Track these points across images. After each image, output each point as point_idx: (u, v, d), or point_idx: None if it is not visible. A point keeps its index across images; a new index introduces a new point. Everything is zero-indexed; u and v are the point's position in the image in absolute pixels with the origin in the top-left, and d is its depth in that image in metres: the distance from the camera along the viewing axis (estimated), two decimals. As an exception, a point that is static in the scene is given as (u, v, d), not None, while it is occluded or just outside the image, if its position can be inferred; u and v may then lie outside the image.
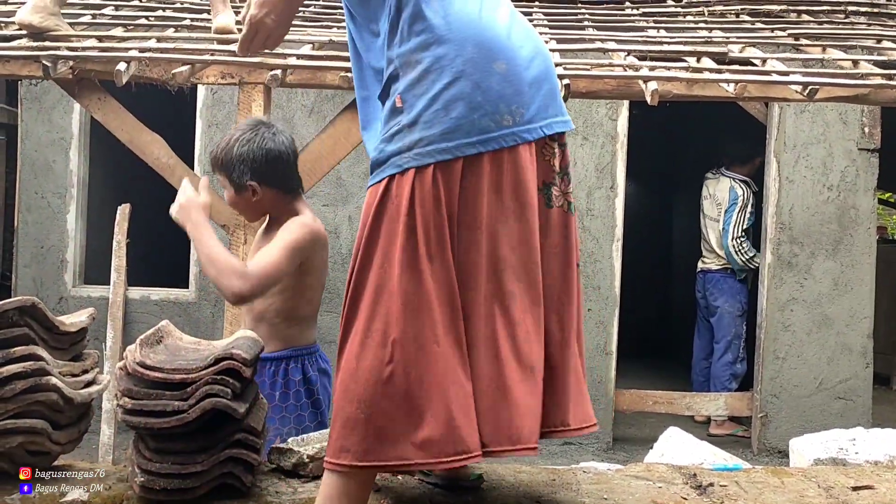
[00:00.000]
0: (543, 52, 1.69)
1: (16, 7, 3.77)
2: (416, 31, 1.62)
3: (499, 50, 1.59)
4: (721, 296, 5.48)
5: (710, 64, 3.07)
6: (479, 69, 1.57)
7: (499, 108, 1.57)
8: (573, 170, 1.79)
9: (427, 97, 1.57)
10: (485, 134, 1.56)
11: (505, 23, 1.64)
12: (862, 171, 5.07)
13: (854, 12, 4.35)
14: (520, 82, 1.59)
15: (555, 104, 1.66)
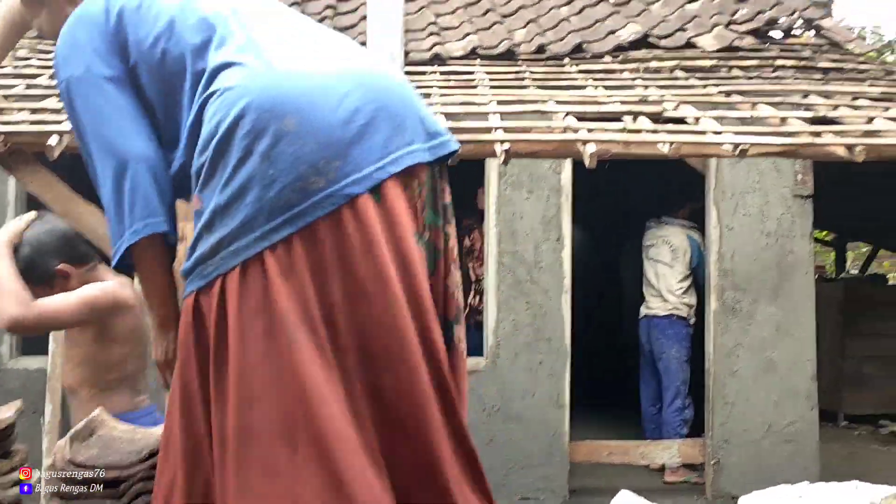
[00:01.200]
0: (370, 80, 1.41)
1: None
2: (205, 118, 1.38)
3: (288, 102, 1.33)
4: (667, 341, 5.53)
5: (647, 123, 3.14)
6: (264, 136, 1.31)
7: (300, 172, 1.31)
8: (518, 226, 1.67)
9: (219, 188, 1.32)
10: (289, 210, 1.30)
11: (305, 65, 1.39)
12: (797, 217, 5.21)
13: (782, 66, 4.51)
14: (325, 131, 1.32)
15: (401, 134, 1.38)
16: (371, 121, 1.36)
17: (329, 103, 1.34)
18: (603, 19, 5.40)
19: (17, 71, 3.93)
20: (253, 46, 1.42)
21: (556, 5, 5.68)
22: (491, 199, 5.20)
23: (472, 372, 5.09)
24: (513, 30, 5.37)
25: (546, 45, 5.05)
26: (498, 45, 5.06)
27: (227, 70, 1.39)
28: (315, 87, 1.36)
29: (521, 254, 5.18)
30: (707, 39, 5.01)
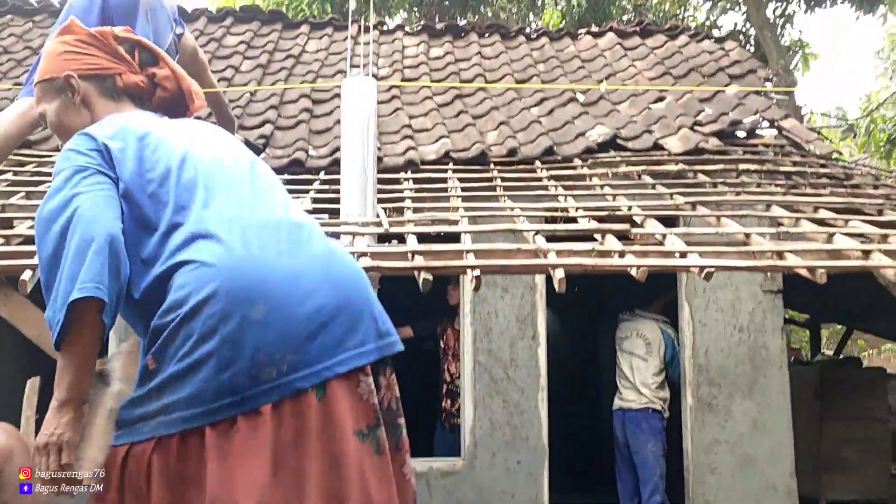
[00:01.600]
0: (335, 275, 1.51)
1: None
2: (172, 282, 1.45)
3: (260, 291, 1.41)
4: (644, 435, 5.52)
5: (616, 243, 3.21)
6: (231, 320, 1.38)
7: (255, 360, 1.37)
8: (493, 325, 1.73)
9: (177, 357, 1.39)
10: (237, 394, 1.36)
11: (279, 254, 1.47)
12: (768, 312, 5.29)
13: (745, 171, 4.65)
14: (288, 325, 1.40)
15: (355, 334, 1.47)
16: (330, 320, 1.45)
17: (296, 297, 1.43)
18: (572, 120, 5.55)
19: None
20: (227, 218, 1.50)
21: (526, 106, 5.83)
22: (466, 298, 5.24)
23: (449, 473, 5.05)
24: (485, 131, 5.50)
25: (517, 148, 5.17)
26: (470, 148, 5.17)
27: (203, 241, 1.46)
28: (285, 280, 1.44)
29: (496, 352, 5.20)
30: (673, 141, 5.16)
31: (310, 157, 5.05)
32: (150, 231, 1.52)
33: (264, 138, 5.25)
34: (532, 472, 5.11)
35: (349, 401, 1.45)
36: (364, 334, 1.49)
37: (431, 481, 5.02)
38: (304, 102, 5.81)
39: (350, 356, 1.45)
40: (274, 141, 5.32)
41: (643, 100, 5.86)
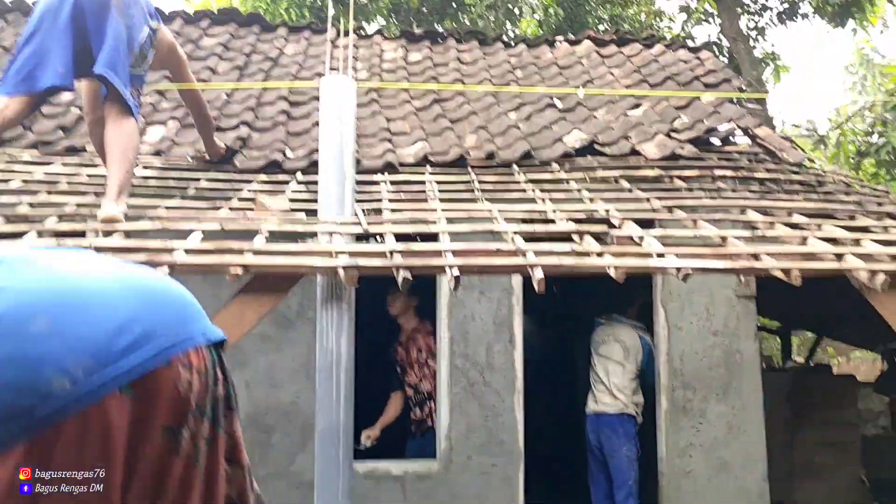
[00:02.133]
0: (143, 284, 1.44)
1: None
2: None
3: (41, 303, 1.31)
4: (619, 440, 5.55)
5: (594, 244, 3.22)
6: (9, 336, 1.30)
7: (46, 375, 1.25)
8: (470, 328, 1.68)
9: None
10: (32, 416, 1.27)
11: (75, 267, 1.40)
12: (742, 317, 5.35)
13: (721, 177, 4.70)
14: (78, 330, 1.31)
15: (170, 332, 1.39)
16: (135, 320, 1.36)
17: (93, 304, 1.34)
18: (550, 125, 5.58)
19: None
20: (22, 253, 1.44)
21: (504, 111, 5.85)
22: (443, 301, 5.24)
23: (424, 477, 5.03)
24: (463, 135, 5.51)
25: (495, 153, 5.19)
26: (448, 152, 5.18)
27: None
28: (79, 287, 1.36)
29: (472, 356, 5.20)
30: (650, 147, 5.20)
31: (287, 159, 5.02)
32: None
33: (241, 140, 5.21)
34: (508, 476, 5.11)
35: (168, 395, 1.37)
36: (182, 331, 1.39)
37: (407, 485, 4.99)
38: (281, 105, 5.78)
39: (166, 348, 1.37)
40: (251, 142, 5.29)
41: (620, 107, 5.91)
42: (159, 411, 1.35)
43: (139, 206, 3.63)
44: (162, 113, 5.57)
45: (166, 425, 1.34)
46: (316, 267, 2.95)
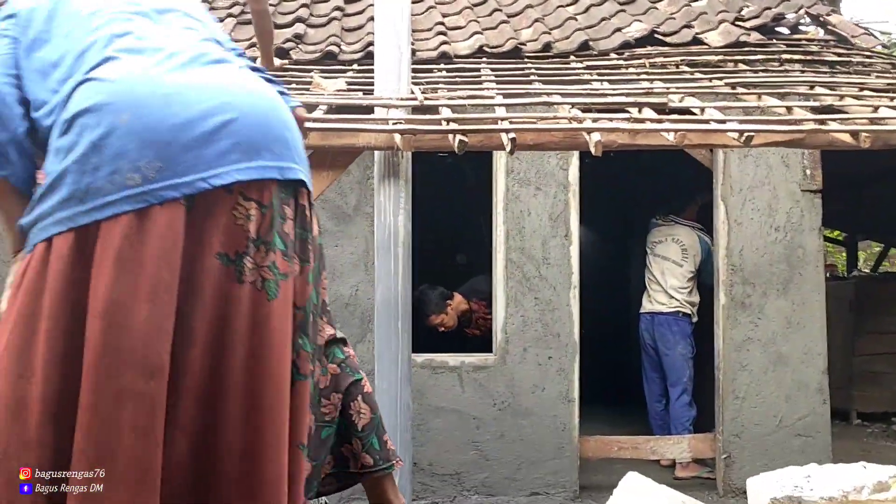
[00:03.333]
0: (230, 95, 1.45)
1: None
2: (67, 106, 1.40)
3: (131, 100, 1.38)
4: (673, 338, 5.55)
5: (651, 114, 3.16)
6: (98, 128, 1.36)
7: (119, 166, 1.34)
8: (525, 223, 1.68)
9: (54, 167, 1.39)
10: (101, 198, 1.34)
11: (170, 70, 1.44)
12: (806, 211, 5.22)
13: (788, 60, 4.53)
14: (155, 132, 1.35)
15: (244, 152, 1.40)
16: (214, 133, 1.38)
17: (172, 109, 1.37)
18: (609, 17, 5.43)
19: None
20: (136, 48, 1.48)
21: (562, 4, 5.71)
22: (499, 196, 5.24)
23: (481, 368, 5.12)
24: (519, 29, 5.41)
25: (552, 44, 5.09)
26: (504, 44, 5.10)
27: (108, 63, 1.45)
28: (164, 91, 1.39)
29: (528, 250, 5.21)
30: (713, 36, 5.03)
31: (342, 52, 5.01)
32: (56, 68, 1.50)
33: (297, 37, 5.21)
34: (563, 368, 5.16)
35: (221, 220, 1.38)
36: (255, 154, 1.41)
37: (463, 375, 5.10)
38: (336, 1, 5.74)
39: (230, 170, 1.37)
40: (305, 38, 5.29)
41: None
42: (213, 234, 1.35)
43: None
44: (219, 11, 5.59)
45: (221, 252, 1.39)
46: (373, 132, 2.97)
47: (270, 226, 1.41)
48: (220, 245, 1.37)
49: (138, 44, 1.49)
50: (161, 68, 1.44)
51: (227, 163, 1.37)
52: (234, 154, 1.38)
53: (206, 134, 1.37)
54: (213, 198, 1.37)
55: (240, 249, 1.38)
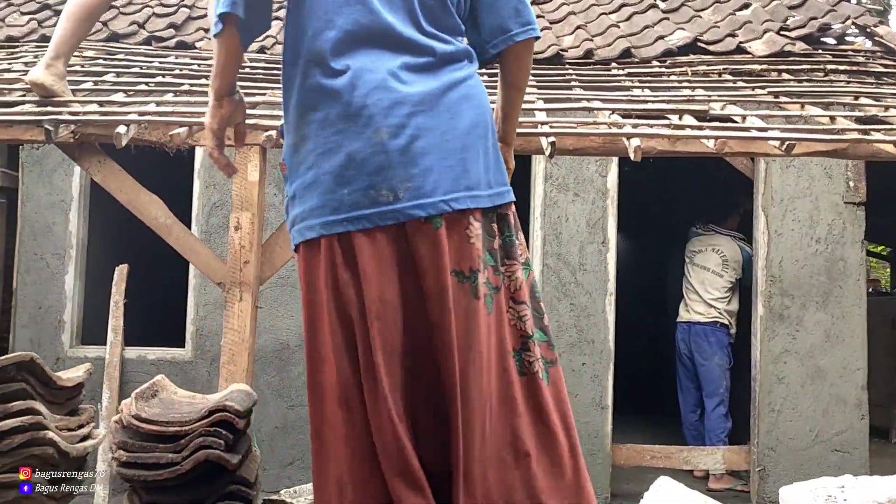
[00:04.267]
0: (463, 119, 1.53)
1: (15, 73, 3.90)
2: (294, 67, 1.53)
3: (383, 117, 1.46)
4: (710, 348, 5.51)
5: (692, 121, 3.17)
6: (354, 138, 1.45)
7: (375, 182, 1.45)
8: (563, 229, 1.71)
9: (301, 169, 1.49)
10: (355, 210, 1.45)
11: (409, 85, 1.50)
12: (849, 223, 5.16)
13: (833, 70, 4.49)
14: (410, 153, 1.46)
15: (470, 176, 1.51)
16: (450, 157, 1.49)
17: (419, 131, 1.48)
18: (652, 25, 5.42)
19: (85, 69, 4.12)
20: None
21: (604, 12, 5.72)
22: (536, 202, 5.26)
23: (515, 372, 5.14)
24: (561, 35, 5.42)
25: (594, 50, 5.10)
26: (545, 51, 5.11)
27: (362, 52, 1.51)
28: (410, 112, 1.49)
29: (565, 256, 5.22)
30: (757, 45, 5.00)
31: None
32: None
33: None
34: (597, 374, 5.17)
35: (457, 239, 1.49)
36: (478, 179, 1.52)
37: (497, 378, 5.12)
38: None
39: (463, 196, 1.49)
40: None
41: (728, 6, 5.67)
42: (450, 251, 1.47)
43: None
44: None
45: (456, 269, 1.48)
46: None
47: (487, 244, 1.54)
48: (455, 262, 1.49)
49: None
50: (390, 74, 1.51)
51: (460, 189, 1.49)
52: (464, 180, 1.50)
53: (443, 153, 1.48)
54: (452, 219, 1.49)
55: (473, 266, 1.50)
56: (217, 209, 5.25)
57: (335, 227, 1.44)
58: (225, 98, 1.60)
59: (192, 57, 4.82)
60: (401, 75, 1.51)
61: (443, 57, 1.57)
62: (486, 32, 1.66)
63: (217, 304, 5.00)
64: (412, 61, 1.53)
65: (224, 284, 3.28)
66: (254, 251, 3.22)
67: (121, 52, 4.77)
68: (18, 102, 3.35)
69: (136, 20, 5.27)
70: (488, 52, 1.69)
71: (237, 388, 1.97)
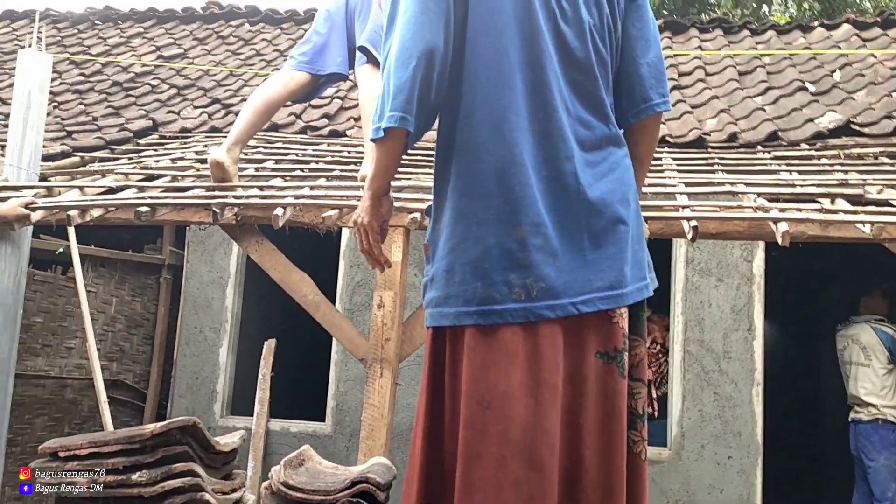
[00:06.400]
0: (603, 217, 1.52)
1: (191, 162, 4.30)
2: (445, 157, 1.55)
3: (524, 211, 1.46)
4: (874, 449, 5.09)
5: (845, 205, 3.05)
6: (493, 231, 1.46)
7: (509, 278, 1.45)
8: (705, 315, 1.65)
9: (440, 253, 1.51)
10: (486, 305, 1.45)
11: (547, 167, 1.50)
12: None
13: None
14: (545, 251, 1.46)
15: (602, 277, 1.50)
16: (583, 253, 1.49)
17: (558, 227, 1.49)
18: (800, 108, 5.29)
19: (247, 156, 4.47)
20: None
21: (749, 95, 5.64)
22: (677, 286, 5.14)
23: (654, 462, 4.94)
24: (703, 119, 5.38)
25: (738, 134, 5.01)
26: (687, 134, 5.08)
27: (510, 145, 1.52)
28: (549, 207, 1.49)
29: (708, 343, 5.04)
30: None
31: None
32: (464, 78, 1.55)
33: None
34: (744, 469, 4.88)
35: (597, 323, 1.49)
36: (613, 278, 1.51)
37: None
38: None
39: (597, 298, 1.48)
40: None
41: (883, 88, 5.46)
42: (591, 336, 1.49)
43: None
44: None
45: (601, 350, 1.49)
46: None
47: (637, 323, 1.57)
48: (598, 344, 1.50)
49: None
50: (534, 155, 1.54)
51: (594, 290, 1.49)
52: (599, 280, 1.49)
53: (579, 258, 1.49)
54: (581, 319, 1.49)
55: (618, 346, 1.51)
56: (360, 288, 5.46)
57: (465, 319, 1.46)
58: (382, 197, 1.65)
59: (342, 144, 5.14)
60: (541, 166, 1.52)
61: (589, 145, 1.57)
62: (625, 101, 1.66)
63: (356, 381, 5.15)
64: (560, 155, 1.54)
65: (366, 360, 3.39)
66: (395, 329, 3.33)
67: (279, 141, 5.15)
68: (190, 187, 3.67)
69: (293, 111, 5.69)
70: (628, 120, 1.68)
71: (378, 462, 2.02)
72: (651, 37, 1.67)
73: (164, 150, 5.04)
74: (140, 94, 6.37)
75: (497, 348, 1.44)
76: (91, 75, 6.78)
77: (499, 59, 1.52)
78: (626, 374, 1.52)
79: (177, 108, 6.06)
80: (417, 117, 1.52)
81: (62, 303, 5.27)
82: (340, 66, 3.75)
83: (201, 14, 8.20)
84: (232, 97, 6.19)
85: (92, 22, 8.10)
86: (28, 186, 3.65)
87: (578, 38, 1.57)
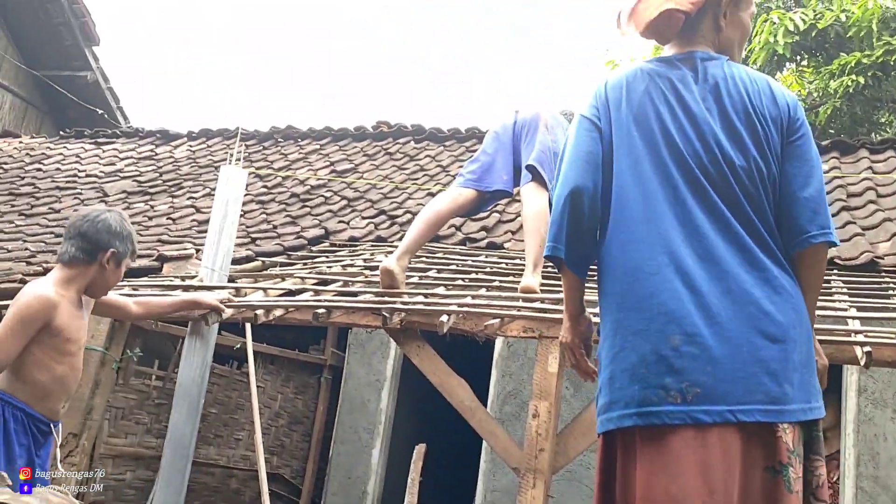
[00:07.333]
0: (777, 331, 1.54)
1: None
2: (604, 277, 1.71)
3: (678, 320, 1.53)
4: None
5: None
6: (648, 340, 1.54)
7: (665, 383, 1.51)
8: (880, 449, 1.60)
9: (604, 363, 1.63)
10: (645, 406, 1.53)
11: (703, 284, 1.56)
12: None
13: None
14: (701, 359, 1.51)
15: (762, 388, 1.52)
16: (747, 367, 1.53)
17: (715, 337, 1.54)
18: None
19: (410, 265, 4.72)
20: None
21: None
22: (849, 416, 4.83)
23: None
24: (875, 242, 5.18)
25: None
26: (858, 257, 4.90)
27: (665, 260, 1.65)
28: (707, 316, 1.56)
29: (883, 480, 4.67)
30: None
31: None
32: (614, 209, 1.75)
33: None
34: None
35: (761, 439, 1.52)
36: (778, 392, 1.54)
37: None
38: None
39: (756, 409, 1.51)
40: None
41: None
42: (757, 448, 1.52)
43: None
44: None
45: (768, 465, 1.53)
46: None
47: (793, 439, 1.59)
48: (766, 459, 1.54)
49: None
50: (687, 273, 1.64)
51: (753, 401, 1.53)
52: (755, 394, 1.53)
53: (736, 363, 1.54)
54: (738, 426, 1.53)
55: (783, 461, 1.54)
56: (511, 397, 5.50)
57: (625, 420, 1.54)
58: (579, 316, 1.86)
59: (499, 256, 5.32)
60: (696, 282, 1.58)
61: (744, 264, 1.62)
62: (786, 233, 1.69)
63: (504, 492, 5.12)
64: (711, 271, 1.60)
65: (519, 470, 3.41)
66: (549, 440, 3.34)
67: (440, 251, 5.41)
68: (361, 292, 3.93)
69: (454, 223, 5.97)
70: (791, 251, 1.70)
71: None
72: (810, 173, 1.70)
73: (334, 257, 5.41)
74: (315, 204, 6.90)
75: (666, 452, 1.49)
76: (273, 187, 7.44)
77: (644, 197, 1.68)
78: (793, 489, 1.52)
79: (347, 219, 6.50)
80: (569, 246, 1.74)
81: (235, 396, 5.64)
82: (506, 183, 3.96)
83: (371, 132, 8.85)
84: (397, 209, 6.58)
85: (276, 140, 8.93)
86: (220, 287, 4.03)
87: (720, 177, 1.66)
